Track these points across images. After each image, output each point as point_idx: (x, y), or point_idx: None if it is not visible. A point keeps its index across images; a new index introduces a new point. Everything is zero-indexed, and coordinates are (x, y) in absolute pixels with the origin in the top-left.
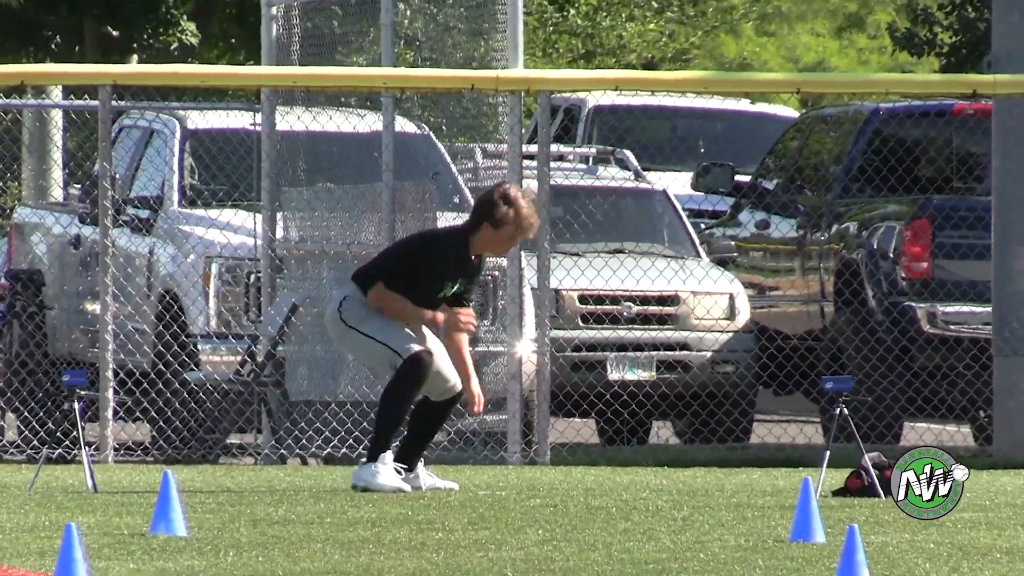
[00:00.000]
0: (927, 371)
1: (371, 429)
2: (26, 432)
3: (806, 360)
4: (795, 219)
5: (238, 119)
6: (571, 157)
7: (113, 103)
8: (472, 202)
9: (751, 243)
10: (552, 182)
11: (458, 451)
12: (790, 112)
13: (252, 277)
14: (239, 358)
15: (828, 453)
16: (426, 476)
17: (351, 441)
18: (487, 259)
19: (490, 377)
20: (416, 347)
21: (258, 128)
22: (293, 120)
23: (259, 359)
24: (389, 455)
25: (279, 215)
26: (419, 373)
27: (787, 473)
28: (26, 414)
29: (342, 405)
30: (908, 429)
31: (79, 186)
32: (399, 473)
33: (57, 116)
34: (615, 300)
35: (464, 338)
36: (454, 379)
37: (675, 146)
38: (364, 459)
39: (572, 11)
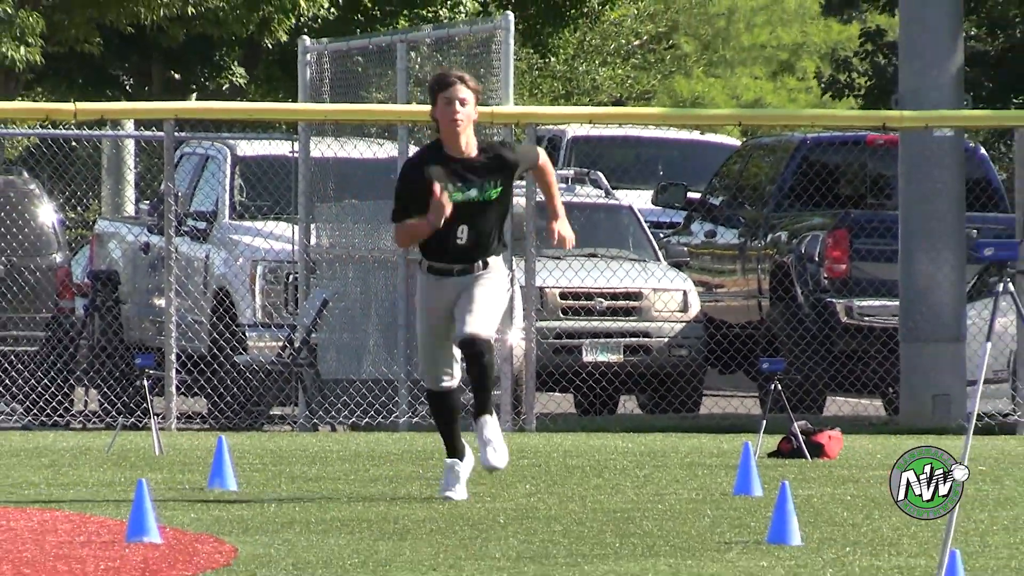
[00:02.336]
0: (845, 354)
1: (390, 403)
2: (105, 404)
3: (746, 345)
4: (737, 229)
5: (279, 147)
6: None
7: (176, 134)
8: None
9: (701, 249)
10: (537, 199)
11: (461, 419)
12: (733, 141)
13: (290, 277)
14: (280, 344)
15: (764, 422)
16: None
17: (372, 412)
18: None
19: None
20: (441, 382)
21: (295, 155)
22: (324, 148)
23: (296, 344)
24: (451, 462)
25: (312, 226)
26: (437, 407)
27: (730, 438)
28: (105, 390)
29: (364, 382)
30: (830, 402)
31: (148, 202)
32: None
33: (130, 144)
34: (589, 296)
35: (551, 183)
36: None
37: (639, 169)
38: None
39: (553, 59)
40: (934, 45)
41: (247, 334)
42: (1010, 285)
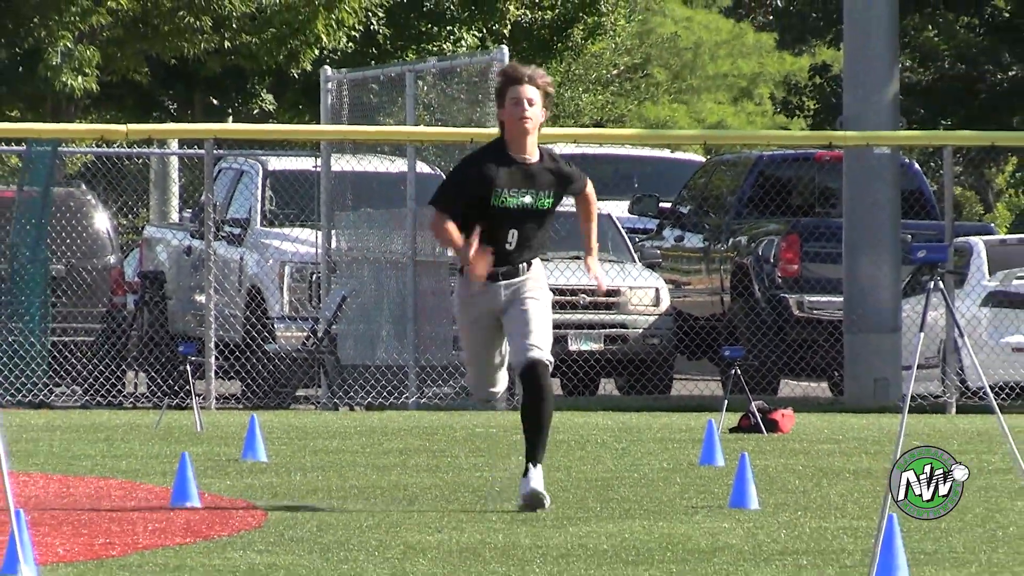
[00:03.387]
0: (796, 343)
1: (400, 386)
2: (153, 387)
3: (710, 335)
4: (702, 234)
5: (304, 163)
6: None
7: (214, 151)
8: None
9: (671, 252)
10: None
11: (462, 400)
12: (698, 158)
13: (313, 276)
14: (304, 334)
15: (726, 402)
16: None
17: (385, 394)
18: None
19: None
20: (487, 389)
21: (318, 169)
22: (343, 163)
23: (319, 334)
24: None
25: (333, 231)
26: (491, 408)
27: (696, 416)
28: (153, 374)
29: (378, 367)
30: (783, 385)
31: (190, 211)
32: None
33: (174, 161)
34: (574, 292)
35: (593, 216)
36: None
37: (617, 182)
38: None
39: None
40: (874, 76)
41: (276, 326)
42: (940, 283)
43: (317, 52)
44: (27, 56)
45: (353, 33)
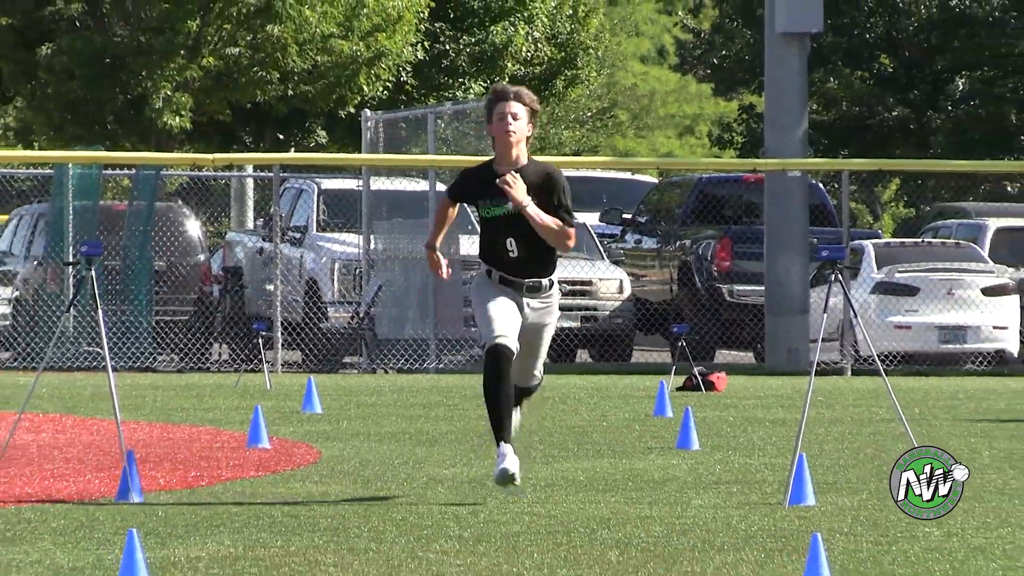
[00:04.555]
0: (728, 322)
1: (423, 355)
2: (233, 355)
3: (662, 315)
4: (656, 238)
5: (349, 183)
6: None
7: (280, 175)
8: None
9: (632, 252)
10: None
11: (471, 366)
12: (653, 180)
13: (357, 270)
14: (350, 315)
15: (674, 367)
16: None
17: (411, 361)
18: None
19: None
20: (496, 333)
21: (360, 188)
22: (380, 184)
23: (361, 315)
24: (503, 447)
25: (372, 236)
26: (495, 366)
27: (651, 378)
28: (233, 345)
29: (406, 340)
30: (718, 354)
31: (261, 220)
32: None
33: (249, 181)
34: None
35: (552, 226)
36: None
37: (590, 198)
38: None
39: None
40: (788, 116)
41: (328, 308)
42: (839, 276)
43: (359, 98)
44: (137, 101)
45: (387, 84)
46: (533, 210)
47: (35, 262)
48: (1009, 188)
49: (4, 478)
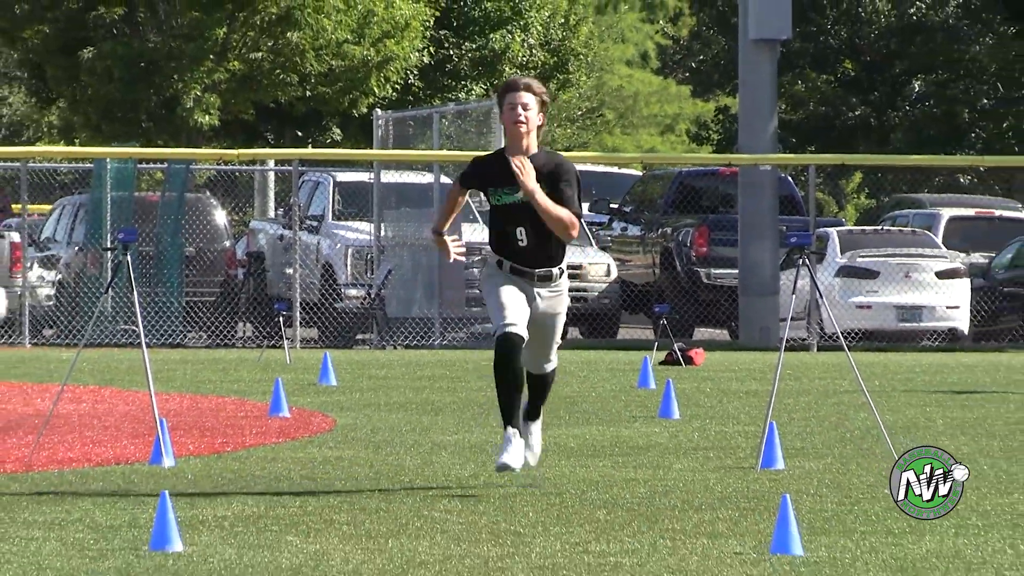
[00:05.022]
0: (706, 302)
1: (429, 332)
2: (256, 333)
3: (645, 296)
4: (640, 226)
5: (362, 176)
6: None
7: (299, 168)
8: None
9: (618, 238)
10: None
11: (472, 343)
12: (637, 173)
13: (368, 255)
14: (362, 296)
15: (656, 343)
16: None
17: (418, 337)
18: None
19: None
20: (506, 321)
21: (372, 180)
22: (389, 176)
23: (372, 296)
24: (510, 430)
25: (382, 224)
26: (504, 353)
27: (636, 353)
28: (256, 324)
29: (414, 319)
30: (696, 331)
31: (281, 209)
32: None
33: (271, 174)
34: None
35: (559, 213)
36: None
37: (582, 191)
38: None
39: None
40: (760, 116)
41: (342, 290)
42: (806, 260)
43: (371, 99)
44: (169, 101)
45: (396, 86)
46: (541, 197)
47: (76, 248)
48: (962, 180)
49: (48, 444)
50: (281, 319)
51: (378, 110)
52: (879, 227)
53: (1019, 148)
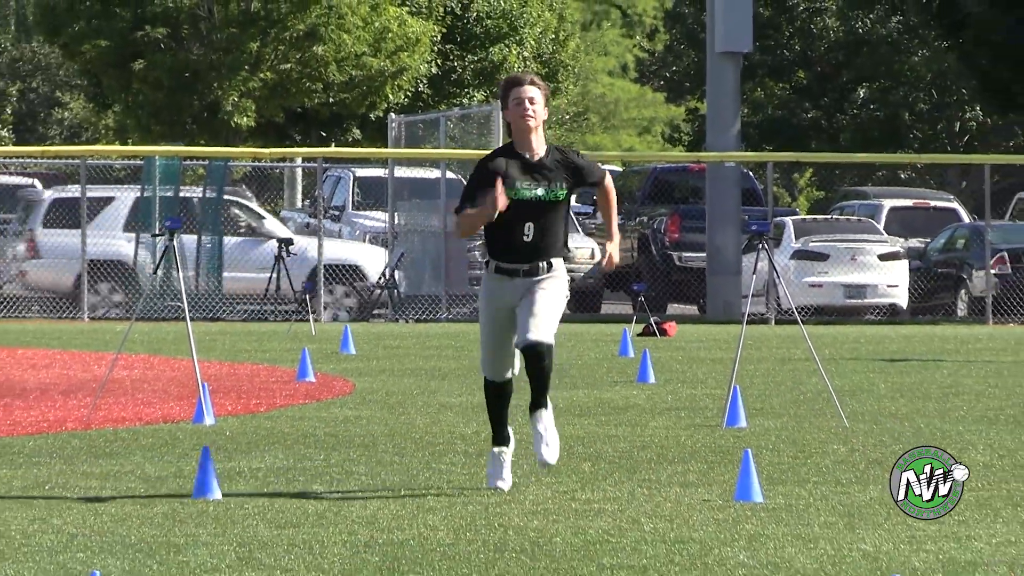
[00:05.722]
0: (678, 282)
1: (436, 307)
2: (285, 308)
3: (625, 277)
4: (620, 215)
5: (378, 171)
6: None
7: (323, 164)
8: None
9: (601, 226)
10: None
11: (475, 316)
12: (618, 168)
13: (383, 241)
14: (378, 276)
15: (634, 318)
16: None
17: (427, 312)
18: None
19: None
20: (492, 375)
21: (386, 176)
22: (402, 172)
23: (387, 276)
24: (498, 450)
25: (396, 213)
26: (494, 396)
27: (616, 326)
28: (283, 301)
29: (423, 296)
30: (670, 307)
31: (308, 201)
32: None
33: (298, 170)
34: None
35: (612, 205)
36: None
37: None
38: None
39: None
40: (725, 119)
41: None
42: (764, 245)
43: (386, 104)
44: (210, 106)
45: (408, 93)
46: (616, 243)
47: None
48: (901, 175)
49: (104, 406)
50: (307, 296)
51: (392, 114)
52: (828, 216)
53: (951, 147)
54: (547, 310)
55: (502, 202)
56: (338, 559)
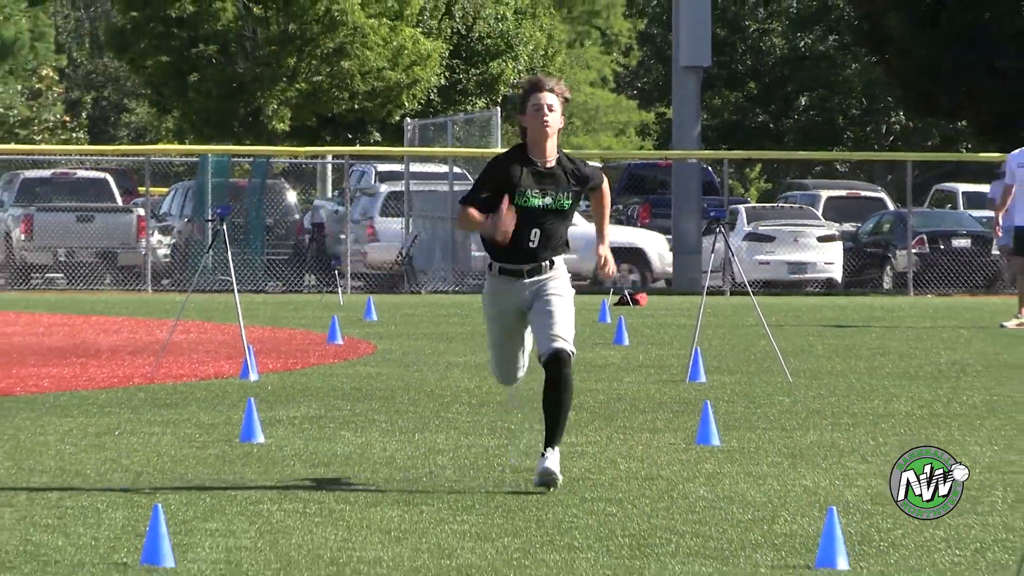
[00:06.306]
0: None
1: (445, 280)
2: (317, 281)
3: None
4: None
5: (395, 167)
6: None
7: (349, 161)
8: None
9: (583, 213)
10: None
11: (478, 288)
12: (598, 164)
13: (401, 225)
14: (396, 254)
15: (611, 290)
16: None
17: (438, 285)
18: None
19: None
20: (504, 375)
21: (403, 170)
22: (416, 167)
23: (404, 253)
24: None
25: (412, 202)
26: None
27: (596, 298)
28: (317, 275)
29: (435, 271)
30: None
31: (336, 191)
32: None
33: (328, 166)
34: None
35: (606, 209)
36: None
37: None
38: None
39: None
40: (687, 122)
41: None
42: (721, 229)
43: (402, 111)
44: (254, 112)
45: (420, 101)
46: (607, 250)
47: (186, 219)
48: (838, 168)
49: (164, 364)
50: (336, 271)
51: (407, 119)
52: (775, 204)
53: (878, 146)
54: (563, 317)
55: (510, 225)
56: (362, 493)
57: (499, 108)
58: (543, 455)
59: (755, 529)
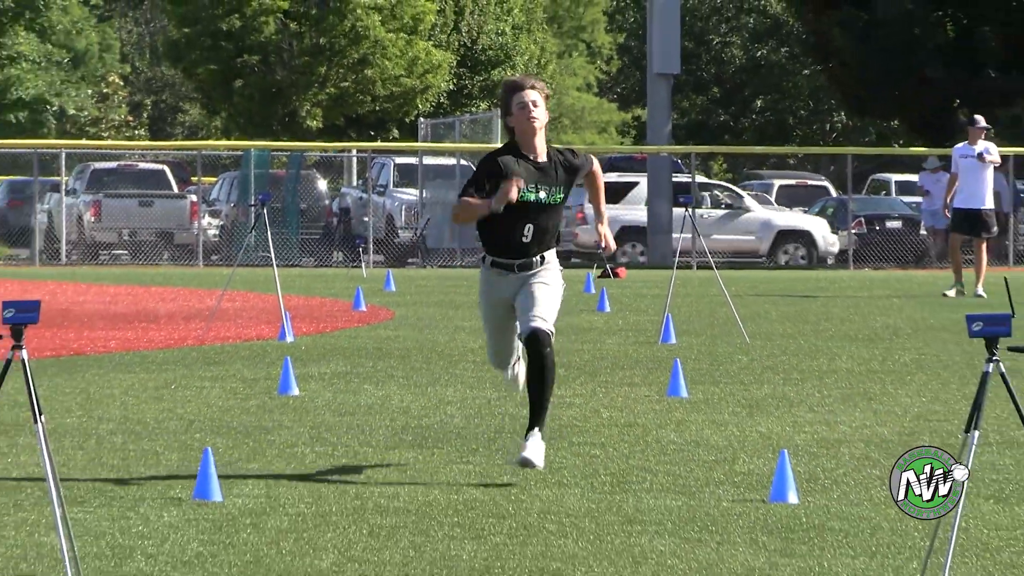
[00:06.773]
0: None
1: (453, 256)
2: (344, 257)
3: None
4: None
5: (411, 160)
6: None
7: (372, 155)
8: None
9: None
10: None
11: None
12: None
13: (415, 210)
14: (411, 234)
15: (595, 264)
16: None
17: (447, 259)
18: (569, 161)
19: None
20: (499, 362)
21: (417, 163)
22: (428, 160)
23: (417, 234)
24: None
25: (424, 190)
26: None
27: (581, 271)
28: (344, 252)
29: (444, 248)
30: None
31: (361, 181)
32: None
33: (354, 159)
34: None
35: (600, 189)
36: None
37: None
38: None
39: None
40: (660, 121)
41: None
42: (689, 211)
43: (417, 112)
44: (290, 113)
45: (432, 104)
46: (606, 228)
47: (232, 204)
48: (789, 161)
49: (214, 328)
50: (360, 249)
51: (421, 119)
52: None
53: (823, 142)
54: (546, 301)
55: (514, 194)
56: (382, 437)
57: (502, 107)
58: (526, 437)
59: (718, 469)
